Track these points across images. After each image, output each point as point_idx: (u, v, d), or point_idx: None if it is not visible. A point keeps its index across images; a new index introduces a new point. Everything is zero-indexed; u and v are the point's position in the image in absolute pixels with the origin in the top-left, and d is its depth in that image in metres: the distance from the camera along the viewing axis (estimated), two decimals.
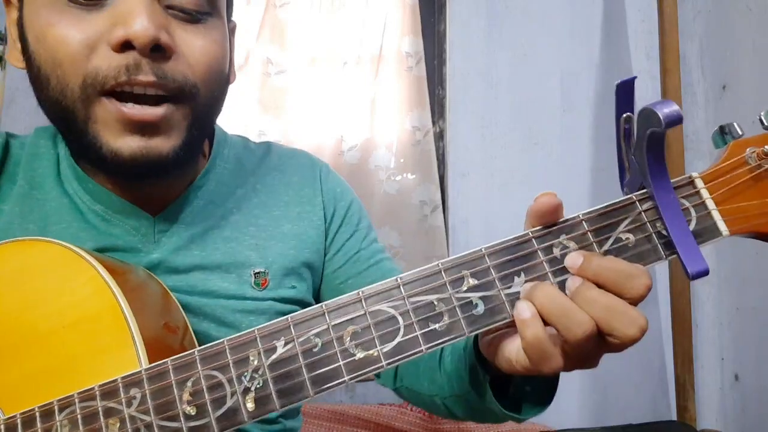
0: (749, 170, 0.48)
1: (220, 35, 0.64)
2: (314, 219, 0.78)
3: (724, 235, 0.47)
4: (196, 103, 0.62)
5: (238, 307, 0.69)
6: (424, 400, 0.71)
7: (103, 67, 0.56)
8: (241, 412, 0.46)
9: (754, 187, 0.48)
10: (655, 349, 1.97)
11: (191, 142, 0.63)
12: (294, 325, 0.48)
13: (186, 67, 0.60)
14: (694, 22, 2.06)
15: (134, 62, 0.56)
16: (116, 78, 0.56)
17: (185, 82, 0.60)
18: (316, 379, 0.46)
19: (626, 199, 0.48)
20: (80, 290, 0.55)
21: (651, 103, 0.42)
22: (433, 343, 0.46)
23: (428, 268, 0.48)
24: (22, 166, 0.69)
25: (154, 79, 0.57)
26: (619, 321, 0.43)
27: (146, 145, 0.58)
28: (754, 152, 0.48)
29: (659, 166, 0.45)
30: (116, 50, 0.56)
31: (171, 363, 0.48)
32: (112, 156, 0.58)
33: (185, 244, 0.69)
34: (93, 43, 0.56)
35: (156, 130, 0.59)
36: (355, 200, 0.84)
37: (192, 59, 0.60)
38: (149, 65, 0.57)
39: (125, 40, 0.55)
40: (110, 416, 0.48)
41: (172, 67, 0.58)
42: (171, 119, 0.60)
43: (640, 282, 0.44)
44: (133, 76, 0.56)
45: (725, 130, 0.49)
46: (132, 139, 0.58)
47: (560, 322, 0.44)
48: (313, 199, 0.79)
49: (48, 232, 0.65)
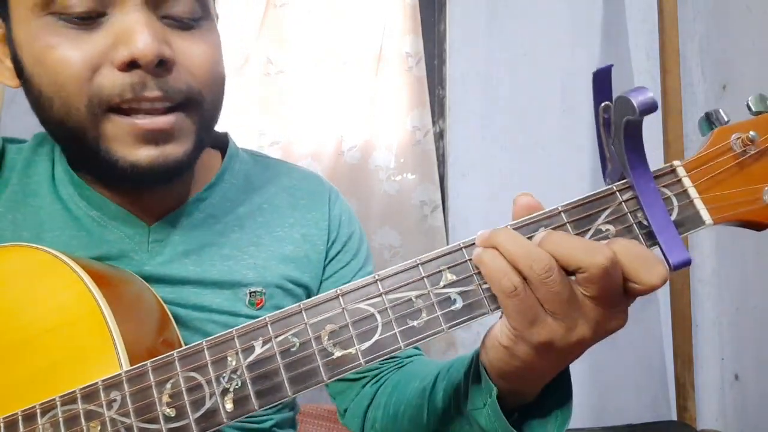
0: (734, 157, 0.47)
1: (214, 37, 0.64)
2: (317, 243, 0.77)
3: (707, 223, 0.47)
4: (202, 109, 0.62)
5: (231, 323, 0.68)
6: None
7: (107, 86, 0.56)
8: (220, 413, 0.46)
9: (739, 174, 0.47)
10: (655, 349, 1.97)
11: (201, 144, 0.64)
12: (271, 324, 0.47)
13: (188, 76, 0.60)
14: (694, 22, 2.06)
15: (140, 80, 0.56)
16: (122, 96, 0.56)
17: (190, 90, 0.60)
18: (294, 379, 0.46)
19: (606, 190, 0.47)
20: (62, 295, 0.55)
21: (626, 90, 0.42)
22: (411, 340, 0.46)
23: (406, 263, 0.48)
24: (17, 172, 0.69)
25: (160, 94, 0.57)
26: (582, 252, 0.43)
27: (162, 153, 0.59)
28: (739, 138, 0.47)
29: (638, 154, 0.45)
30: (122, 70, 0.56)
31: (150, 365, 0.48)
32: (132, 168, 0.58)
33: (179, 257, 0.68)
34: (95, 63, 0.56)
35: (169, 138, 0.59)
36: (358, 230, 0.83)
37: (193, 67, 0.60)
38: (154, 81, 0.57)
39: (131, 60, 0.55)
40: (91, 419, 0.48)
41: (175, 77, 0.58)
42: (182, 126, 0.60)
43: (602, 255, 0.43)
44: (139, 94, 0.56)
45: (711, 116, 0.49)
46: (147, 149, 0.58)
47: (522, 261, 0.43)
48: (319, 222, 0.78)
49: (42, 239, 0.64)
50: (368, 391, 0.74)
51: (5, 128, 1.73)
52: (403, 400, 0.67)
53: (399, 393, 0.69)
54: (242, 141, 0.85)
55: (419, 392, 0.64)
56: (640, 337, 1.97)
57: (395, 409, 0.68)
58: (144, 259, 0.67)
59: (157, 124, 0.58)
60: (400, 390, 0.69)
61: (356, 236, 0.82)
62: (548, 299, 0.43)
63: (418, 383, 0.65)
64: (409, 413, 0.65)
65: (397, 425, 0.67)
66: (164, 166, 0.59)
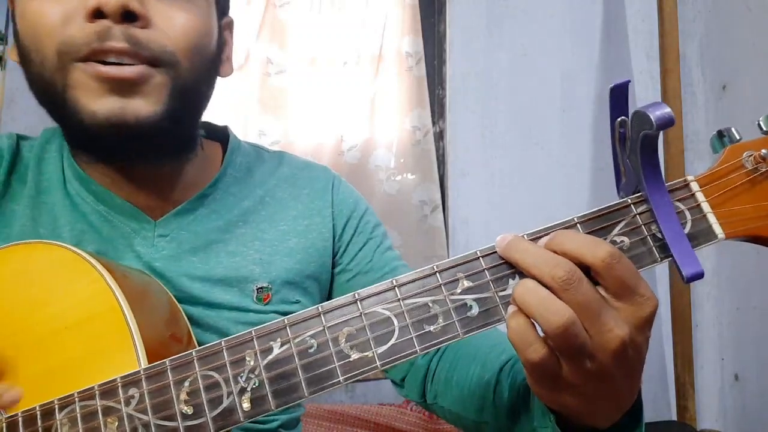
0: (746, 174, 0.48)
1: (201, 11, 0.64)
2: (323, 231, 0.77)
3: (719, 238, 0.47)
4: (177, 73, 0.61)
5: (241, 319, 0.69)
6: (466, 425, 0.69)
7: (76, 36, 0.57)
8: (237, 412, 0.47)
9: (751, 190, 0.47)
10: (655, 349, 1.97)
11: (174, 113, 0.62)
12: (290, 327, 0.48)
13: (164, 37, 0.60)
14: (694, 22, 2.06)
15: (105, 29, 0.57)
16: (88, 44, 0.57)
17: (162, 50, 0.60)
18: (311, 379, 0.47)
19: (621, 202, 0.48)
20: (82, 292, 0.55)
21: (644, 105, 0.42)
22: (428, 345, 0.47)
23: (423, 270, 0.48)
24: (31, 169, 0.69)
25: (126, 46, 0.58)
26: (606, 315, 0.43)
27: (123, 105, 0.58)
28: (751, 156, 0.47)
29: (653, 168, 0.45)
30: (88, 19, 0.57)
31: (169, 363, 0.48)
32: (90, 118, 0.58)
33: (186, 255, 0.68)
34: (69, 14, 0.57)
35: (134, 90, 0.59)
36: (369, 209, 0.83)
37: (171, 31, 0.61)
38: (120, 31, 0.57)
39: (96, 8, 0.56)
40: (109, 415, 0.48)
41: (147, 35, 0.59)
42: (149, 81, 0.60)
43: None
44: (105, 42, 0.57)
45: (723, 134, 0.49)
46: (109, 100, 0.58)
47: (538, 311, 0.43)
48: (322, 210, 0.78)
49: (58, 236, 0.65)
50: (421, 362, 0.74)
51: (5, 128, 1.72)
52: (466, 385, 0.66)
53: (459, 374, 0.68)
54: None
55: (484, 385, 0.64)
56: None
57: (459, 391, 0.68)
58: (150, 254, 0.67)
59: (123, 73, 0.58)
60: (460, 371, 0.68)
61: (369, 215, 0.82)
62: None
63: (479, 370, 0.65)
64: (476, 405, 0.65)
65: (466, 410, 0.67)
66: (122, 120, 0.58)
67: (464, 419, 0.68)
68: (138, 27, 0.58)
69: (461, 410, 0.68)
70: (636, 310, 0.44)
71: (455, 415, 0.70)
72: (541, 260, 0.44)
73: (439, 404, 0.72)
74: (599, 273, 0.43)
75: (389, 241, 0.83)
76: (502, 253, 0.47)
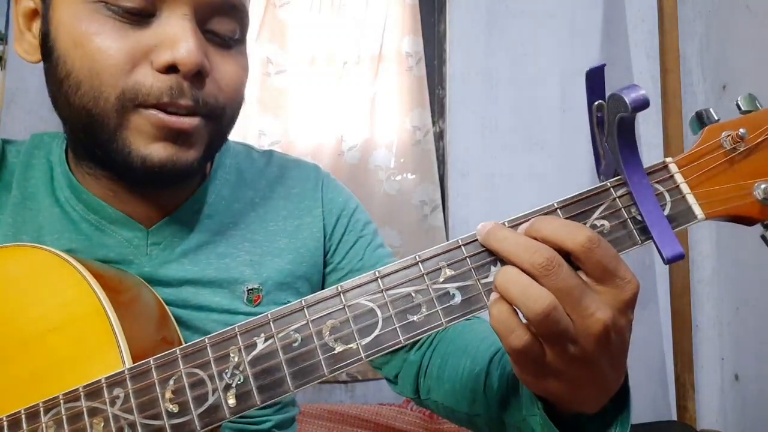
0: (724, 153, 0.48)
1: (245, 61, 0.66)
2: (314, 230, 0.77)
3: (699, 218, 0.47)
4: (219, 123, 0.63)
5: (231, 321, 0.67)
6: (460, 418, 0.69)
7: (145, 84, 0.56)
8: (222, 409, 0.47)
9: (729, 170, 0.47)
10: (655, 349, 1.97)
11: (207, 158, 0.64)
12: (274, 321, 0.48)
13: (217, 90, 0.61)
14: (694, 22, 2.06)
15: (177, 86, 0.57)
16: (159, 99, 0.57)
17: (216, 104, 0.61)
18: (296, 373, 0.46)
19: (600, 186, 0.48)
20: (65, 294, 0.55)
21: (619, 88, 0.42)
22: (412, 334, 0.47)
23: (405, 260, 0.48)
24: (17, 175, 0.69)
25: (192, 103, 0.58)
26: (587, 297, 0.43)
27: (176, 153, 0.59)
28: (729, 135, 0.47)
29: (631, 151, 0.45)
30: (161, 71, 0.57)
31: (153, 362, 0.48)
32: (141, 161, 0.58)
33: (177, 258, 0.68)
34: (136, 59, 0.56)
35: (187, 141, 0.60)
36: (359, 207, 0.83)
37: (223, 83, 0.61)
38: (190, 89, 0.58)
39: (172, 64, 0.56)
40: (95, 416, 0.48)
41: (206, 90, 0.60)
42: (200, 133, 0.61)
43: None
44: (177, 99, 0.57)
45: (701, 115, 0.49)
46: (164, 146, 0.58)
47: (519, 298, 0.43)
48: (312, 210, 0.78)
49: (41, 243, 0.64)
50: (414, 358, 0.75)
51: (5, 128, 1.73)
52: (457, 378, 0.67)
53: (450, 368, 0.69)
54: (242, 141, 0.84)
55: (474, 377, 0.64)
56: (640, 337, 1.97)
57: (451, 385, 0.68)
58: (143, 263, 0.67)
59: (183, 124, 0.58)
60: (451, 365, 0.69)
61: (359, 213, 0.82)
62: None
63: (469, 363, 0.66)
64: (468, 397, 0.65)
65: (458, 403, 0.67)
66: (173, 167, 0.59)
67: (457, 412, 0.68)
68: (201, 82, 0.59)
69: (454, 404, 0.68)
70: (617, 294, 0.44)
71: (448, 409, 0.70)
72: (520, 247, 0.44)
73: (432, 399, 0.72)
74: (579, 258, 0.43)
75: (380, 238, 0.83)
76: (482, 241, 0.47)
